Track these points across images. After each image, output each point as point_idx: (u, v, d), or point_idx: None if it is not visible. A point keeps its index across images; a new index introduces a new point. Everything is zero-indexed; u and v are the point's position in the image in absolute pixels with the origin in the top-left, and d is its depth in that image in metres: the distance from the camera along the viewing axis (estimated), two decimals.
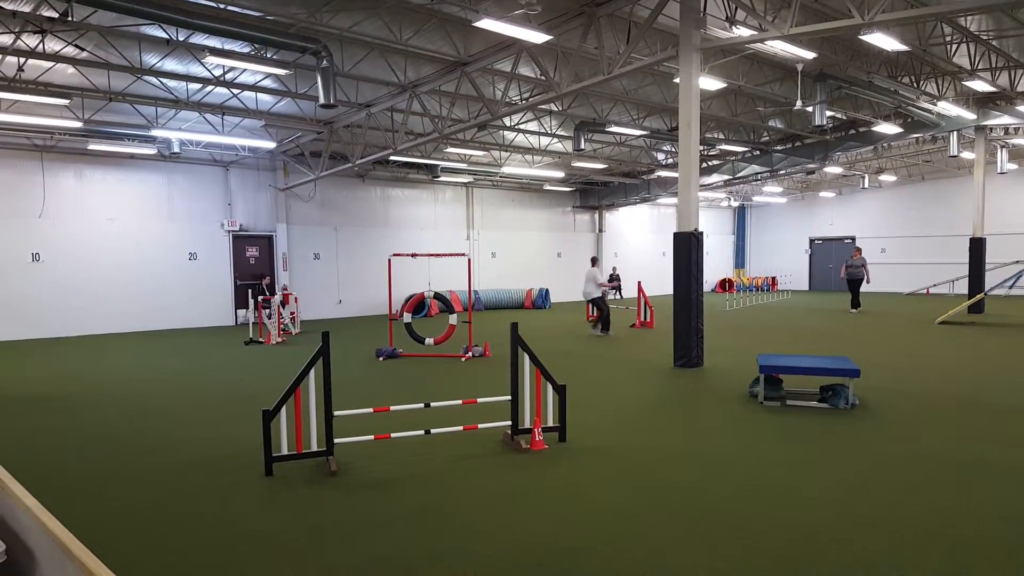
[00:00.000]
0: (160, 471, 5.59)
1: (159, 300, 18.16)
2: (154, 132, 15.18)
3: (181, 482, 5.30)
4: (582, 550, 3.91)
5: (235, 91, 13.73)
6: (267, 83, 13.47)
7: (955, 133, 18.86)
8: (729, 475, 5.26)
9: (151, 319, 18.01)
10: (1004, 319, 17.17)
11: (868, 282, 20.16)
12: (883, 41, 10.67)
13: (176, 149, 16.74)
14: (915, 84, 14.70)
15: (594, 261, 15.50)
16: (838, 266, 31.41)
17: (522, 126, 17.88)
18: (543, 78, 12.21)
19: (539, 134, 18.81)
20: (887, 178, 28.41)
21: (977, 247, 19.64)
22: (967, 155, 21.31)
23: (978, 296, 18.43)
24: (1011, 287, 22.25)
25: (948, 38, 12.68)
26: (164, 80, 12.82)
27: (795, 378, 8.55)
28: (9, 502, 2.17)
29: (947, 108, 15.96)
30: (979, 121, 17.46)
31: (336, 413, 5.55)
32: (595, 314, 15.47)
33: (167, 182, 18.32)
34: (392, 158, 18.45)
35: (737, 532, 4.13)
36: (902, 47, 11.20)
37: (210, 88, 13.46)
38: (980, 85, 14.98)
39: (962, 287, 22.85)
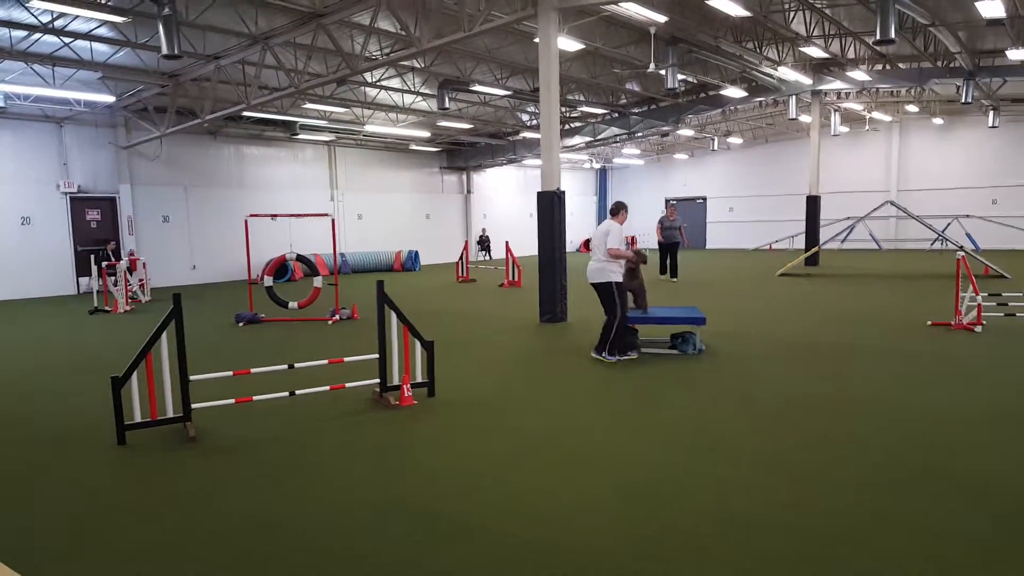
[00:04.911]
0: (2, 446, 5.18)
1: None
2: None
3: (26, 457, 4.95)
4: (449, 497, 4.03)
5: (66, 40, 12.49)
6: (103, 31, 12.34)
7: (794, 97, 20.35)
8: (586, 418, 5.57)
9: None
10: (836, 270, 18.90)
11: (686, 244, 18.13)
12: (727, 6, 11.27)
13: (0, 103, 15.09)
14: (758, 49, 15.64)
15: (617, 210, 8.02)
16: (693, 227, 33.19)
17: (384, 83, 17.48)
18: (404, 33, 11.97)
19: (402, 91, 18.47)
20: (734, 140, 30.20)
21: (813, 204, 21.39)
22: (805, 118, 23.00)
23: (813, 249, 20.12)
24: (843, 241, 24.40)
25: (786, 5, 13.55)
26: None
27: (649, 328, 9.04)
28: None
29: (787, 73, 17.12)
30: (815, 86, 18.90)
31: (192, 377, 5.32)
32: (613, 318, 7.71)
33: None
34: (246, 114, 17.53)
35: (591, 468, 4.40)
36: (745, 12, 11.88)
37: (37, 36, 12.17)
38: (815, 51, 16.17)
39: (801, 242, 24.78)
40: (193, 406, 5.35)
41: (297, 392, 5.89)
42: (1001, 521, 3.49)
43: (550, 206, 10.55)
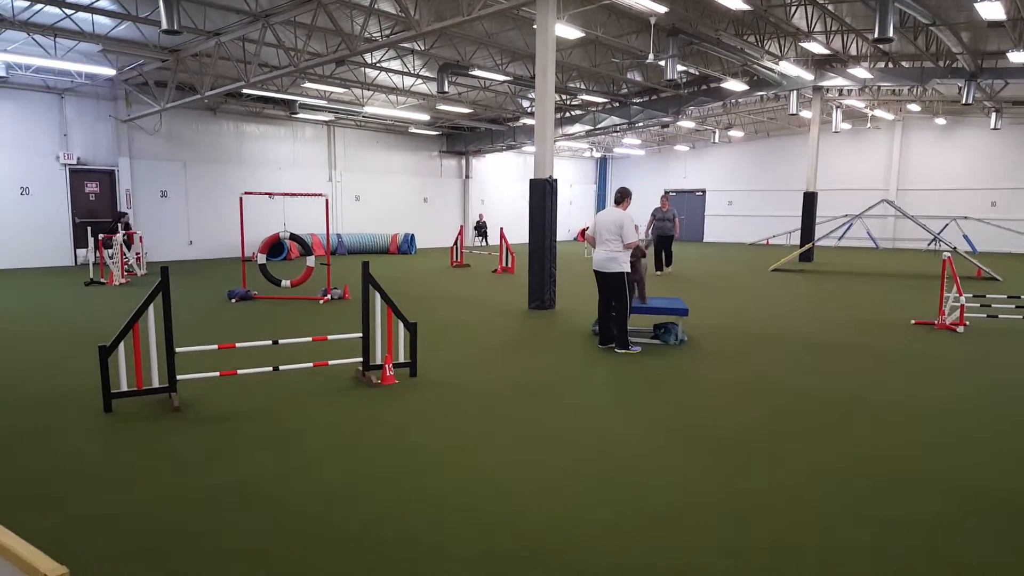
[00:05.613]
0: None
1: None
2: None
3: (13, 421, 5.06)
4: (424, 473, 4.14)
5: (68, 11, 12.50)
6: (104, 4, 12.34)
7: (795, 92, 20.32)
8: (564, 404, 5.68)
9: None
10: (830, 267, 18.97)
11: (678, 237, 17.42)
12: None
13: (2, 73, 15.11)
14: (759, 43, 15.63)
15: (622, 197, 7.90)
16: (692, 219, 33.18)
17: (384, 64, 17.48)
18: (403, 15, 11.99)
19: (402, 73, 18.46)
20: (735, 134, 30.15)
21: (809, 201, 21.42)
22: (806, 114, 22.98)
23: (807, 245, 20.17)
24: (840, 239, 24.47)
25: None
26: None
27: (633, 317, 9.12)
28: None
29: (788, 68, 17.10)
30: (816, 82, 18.86)
31: (178, 350, 5.43)
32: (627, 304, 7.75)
33: None
34: (246, 91, 17.55)
35: (567, 450, 4.51)
36: (745, 6, 11.88)
37: (39, 7, 12.17)
38: (816, 47, 16.15)
39: (798, 238, 24.83)
40: (178, 377, 5.45)
41: (281, 368, 6.00)
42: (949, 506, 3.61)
43: (542, 194, 10.61)
